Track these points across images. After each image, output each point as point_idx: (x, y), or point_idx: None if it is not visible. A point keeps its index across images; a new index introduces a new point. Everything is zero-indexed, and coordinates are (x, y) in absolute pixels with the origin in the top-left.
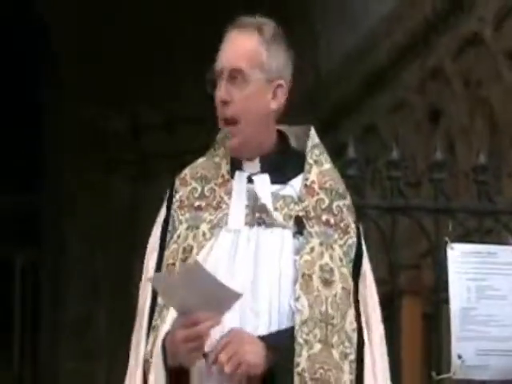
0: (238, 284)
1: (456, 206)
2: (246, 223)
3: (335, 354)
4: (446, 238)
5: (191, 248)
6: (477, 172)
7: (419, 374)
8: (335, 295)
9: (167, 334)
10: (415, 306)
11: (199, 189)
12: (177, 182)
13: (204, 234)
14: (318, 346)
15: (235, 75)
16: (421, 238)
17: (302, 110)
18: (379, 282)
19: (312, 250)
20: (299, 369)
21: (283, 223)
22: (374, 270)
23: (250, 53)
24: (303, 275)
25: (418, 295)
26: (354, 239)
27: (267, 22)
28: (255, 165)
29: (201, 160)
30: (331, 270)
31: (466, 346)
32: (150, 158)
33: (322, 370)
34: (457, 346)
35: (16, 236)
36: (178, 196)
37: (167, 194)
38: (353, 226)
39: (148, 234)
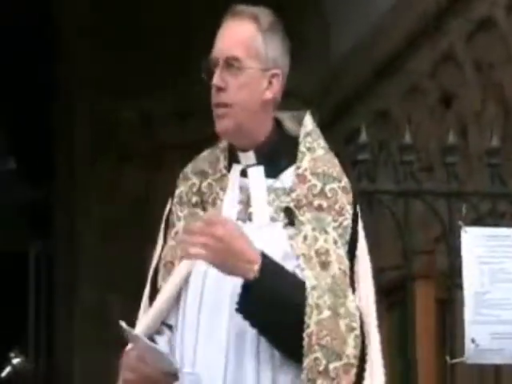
0: (228, 282)
1: (469, 189)
2: (239, 218)
3: (342, 325)
4: (460, 222)
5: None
6: (490, 155)
7: (433, 358)
8: (333, 276)
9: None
10: (429, 291)
11: (197, 184)
12: (180, 177)
13: None
14: (327, 313)
15: (231, 63)
16: (434, 222)
17: (315, 96)
18: (393, 267)
19: (305, 238)
20: (308, 331)
21: (274, 217)
22: (388, 254)
23: (246, 41)
24: (303, 254)
25: (432, 280)
26: (349, 221)
27: (264, 11)
28: (250, 156)
29: (205, 153)
30: (327, 252)
31: (479, 329)
32: (163, 147)
33: (328, 338)
34: (470, 330)
35: (29, 227)
36: (178, 191)
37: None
38: (348, 207)
39: (160, 224)
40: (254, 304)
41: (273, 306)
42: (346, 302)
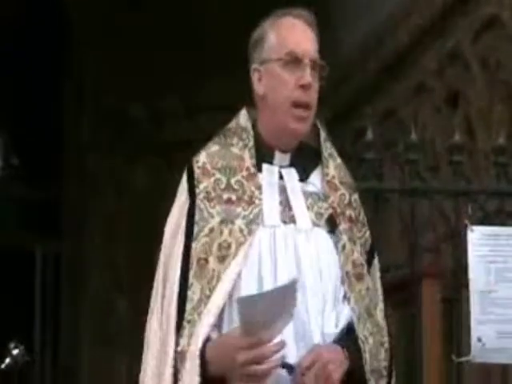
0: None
1: (476, 188)
2: (282, 220)
3: (376, 341)
4: (466, 221)
5: (229, 245)
6: (496, 153)
7: (439, 357)
8: (367, 288)
9: (207, 339)
10: (435, 290)
11: (224, 180)
12: (197, 171)
13: (241, 230)
14: (371, 340)
15: (314, 66)
16: (440, 221)
17: (322, 95)
18: (399, 266)
19: (344, 247)
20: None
21: (314, 221)
22: (394, 253)
23: (316, 48)
24: (346, 273)
25: (438, 279)
26: (369, 232)
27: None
28: (286, 158)
29: (215, 148)
30: (362, 265)
31: (485, 328)
32: (173, 146)
33: (375, 362)
34: (477, 329)
35: (37, 226)
36: (201, 186)
37: (186, 182)
38: (365, 219)
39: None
40: None
41: None
42: (377, 317)
